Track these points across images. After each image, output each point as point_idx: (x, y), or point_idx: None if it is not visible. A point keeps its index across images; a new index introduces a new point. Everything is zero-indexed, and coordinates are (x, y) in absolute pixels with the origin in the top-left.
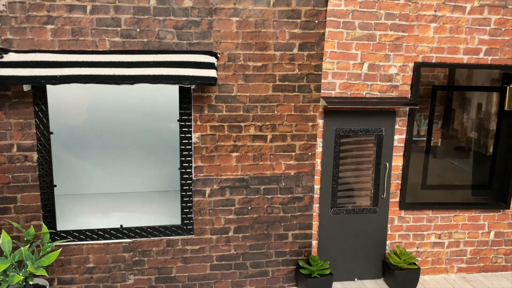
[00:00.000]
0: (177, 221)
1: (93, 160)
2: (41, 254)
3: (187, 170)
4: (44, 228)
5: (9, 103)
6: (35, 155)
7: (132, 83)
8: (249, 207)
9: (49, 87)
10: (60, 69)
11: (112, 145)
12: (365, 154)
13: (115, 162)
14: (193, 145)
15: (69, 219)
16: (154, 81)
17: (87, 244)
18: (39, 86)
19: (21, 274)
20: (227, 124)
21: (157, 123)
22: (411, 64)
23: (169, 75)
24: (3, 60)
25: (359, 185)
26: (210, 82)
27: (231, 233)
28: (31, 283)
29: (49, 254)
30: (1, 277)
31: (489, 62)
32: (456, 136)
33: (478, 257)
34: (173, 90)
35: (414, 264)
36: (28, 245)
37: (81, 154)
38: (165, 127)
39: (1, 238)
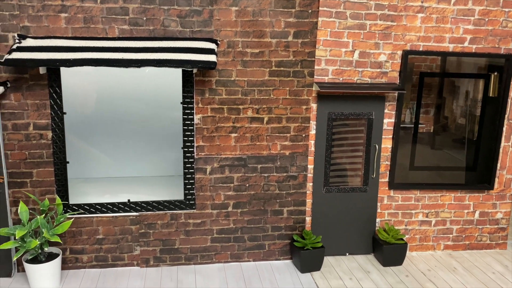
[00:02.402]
0: (180, 198)
1: (99, 145)
2: (55, 224)
3: (190, 149)
4: (58, 200)
5: (26, 85)
6: (49, 134)
7: (139, 66)
8: (247, 185)
9: (63, 71)
10: (73, 53)
11: (118, 131)
12: (356, 136)
13: (120, 148)
14: (195, 126)
15: (78, 199)
16: (159, 65)
17: (97, 216)
18: (53, 69)
19: (37, 240)
20: (226, 106)
21: (160, 112)
22: (399, 52)
23: (173, 59)
24: (21, 45)
25: (350, 166)
26: (210, 66)
27: (230, 208)
28: (46, 249)
29: (63, 223)
30: (19, 242)
31: (473, 51)
32: (446, 123)
33: (463, 235)
34: (178, 81)
35: (402, 239)
36: (44, 215)
37: (88, 139)
38: (168, 116)
39: (19, 208)
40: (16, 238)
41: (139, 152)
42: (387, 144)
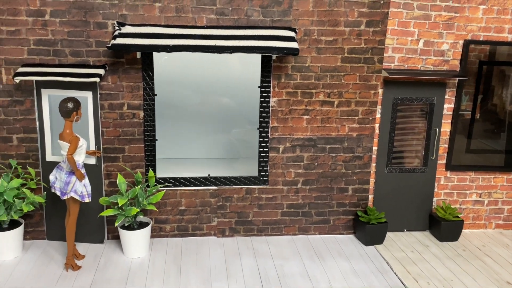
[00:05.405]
0: (254, 174)
1: (172, 128)
2: (147, 194)
3: (265, 129)
4: (151, 173)
5: (122, 68)
6: (141, 113)
7: (231, 52)
8: (316, 163)
9: (155, 57)
10: (170, 40)
11: (192, 116)
12: (417, 120)
13: (192, 130)
14: (270, 108)
15: (162, 175)
16: (248, 51)
17: (180, 189)
18: (147, 54)
19: (136, 208)
20: (300, 90)
21: (223, 101)
22: (461, 41)
23: (260, 46)
24: (122, 31)
25: (411, 148)
26: (294, 52)
27: (299, 185)
28: (141, 216)
29: (156, 194)
30: (119, 210)
31: None
32: (495, 109)
33: None
34: (251, 68)
35: (458, 217)
36: (139, 186)
37: (165, 122)
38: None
39: (118, 179)
40: (119, 206)
41: (207, 135)
42: (446, 128)
